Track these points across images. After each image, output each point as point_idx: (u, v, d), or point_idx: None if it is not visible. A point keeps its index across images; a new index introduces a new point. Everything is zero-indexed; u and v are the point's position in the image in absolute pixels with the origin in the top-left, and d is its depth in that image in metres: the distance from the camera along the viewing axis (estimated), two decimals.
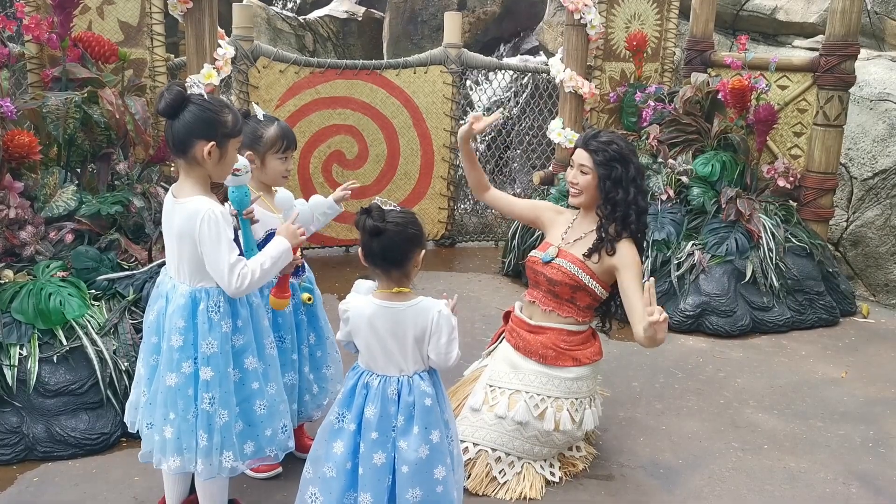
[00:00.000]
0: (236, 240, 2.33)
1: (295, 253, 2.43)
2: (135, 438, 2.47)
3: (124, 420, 2.54)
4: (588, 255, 2.88)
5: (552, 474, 2.92)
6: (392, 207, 2.20)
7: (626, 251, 2.84)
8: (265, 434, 2.41)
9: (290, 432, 2.49)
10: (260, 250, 2.66)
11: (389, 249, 2.17)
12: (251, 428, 2.38)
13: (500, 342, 3.08)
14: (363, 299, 2.24)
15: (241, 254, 2.31)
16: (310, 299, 2.77)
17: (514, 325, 3.01)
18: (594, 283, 2.88)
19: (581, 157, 2.90)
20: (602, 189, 2.86)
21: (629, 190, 2.84)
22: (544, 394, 2.85)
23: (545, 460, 2.93)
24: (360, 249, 2.23)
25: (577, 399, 2.88)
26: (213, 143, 2.24)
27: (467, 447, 2.84)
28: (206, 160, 2.26)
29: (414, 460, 2.18)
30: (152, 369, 2.37)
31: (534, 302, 2.97)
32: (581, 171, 2.90)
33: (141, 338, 2.51)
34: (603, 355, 3.00)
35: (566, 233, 3.00)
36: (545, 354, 2.87)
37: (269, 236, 2.69)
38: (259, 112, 2.73)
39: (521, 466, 2.87)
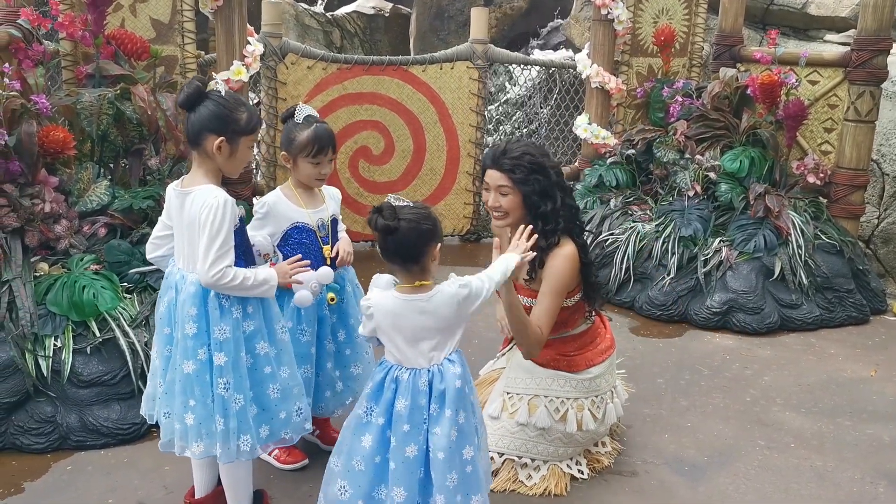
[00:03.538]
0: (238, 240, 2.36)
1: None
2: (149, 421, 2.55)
3: (141, 413, 2.57)
4: (531, 278, 2.76)
5: (580, 472, 2.91)
6: (405, 203, 2.21)
7: (553, 261, 2.69)
8: (280, 417, 2.45)
9: (306, 414, 2.52)
10: (284, 240, 2.73)
11: (404, 246, 2.18)
12: (265, 412, 2.42)
13: (512, 347, 3.07)
14: (385, 295, 2.25)
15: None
16: (333, 299, 2.78)
17: None
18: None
19: (496, 178, 2.70)
20: (529, 205, 2.69)
21: (556, 197, 2.68)
22: (563, 396, 2.82)
23: (571, 458, 2.92)
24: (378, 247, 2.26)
25: (597, 396, 2.87)
26: (222, 138, 2.31)
27: (493, 457, 2.81)
28: (217, 154, 2.32)
29: (447, 445, 2.18)
30: (167, 360, 2.40)
31: None
32: (501, 194, 2.70)
33: None
34: (616, 346, 2.98)
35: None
36: (557, 366, 2.86)
37: (293, 229, 2.75)
38: (301, 114, 2.72)
39: (547, 469, 2.86)
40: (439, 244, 2.24)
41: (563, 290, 2.72)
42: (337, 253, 2.85)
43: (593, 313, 2.97)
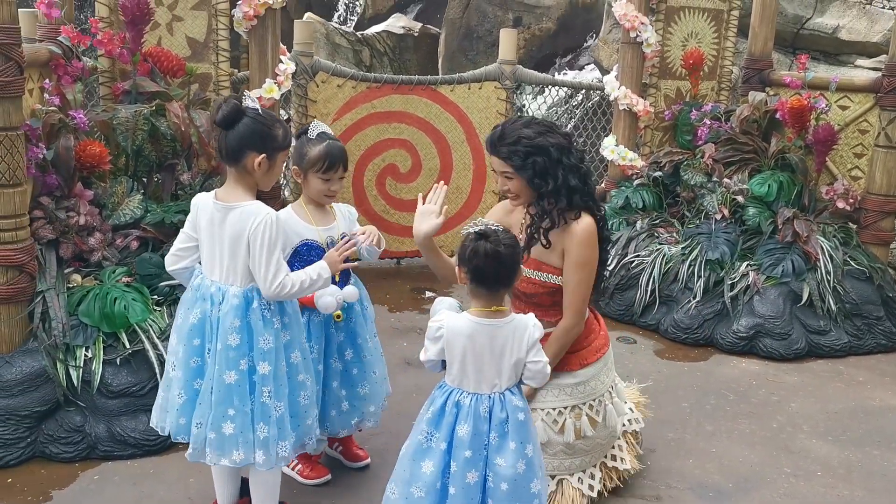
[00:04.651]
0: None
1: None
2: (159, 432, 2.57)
3: (151, 424, 2.56)
4: (528, 255, 2.71)
5: (591, 487, 2.80)
6: (493, 226, 2.25)
7: (574, 237, 2.66)
8: (306, 423, 2.50)
9: (317, 421, 2.57)
10: (294, 256, 2.75)
11: (505, 270, 2.21)
12: (295, 418, 2.46)
13: None
14: (459, 317, 2.26)
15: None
16: (339, 317, 2.80)
17: None
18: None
19: (497, 164, 2.70)
20: (533, 186, 2.66)
21: (556, 175, 2.63)
22: (560, 406, 2.73)
23: (584, 471, 2.81)
24: (464, 272, 2.24)
25: (594, 400, 2.78)
26: (264, 154, 2.36)
27: None
28: (256, 170, 2.37)
29: (512, 476, 2.18)
30: (193, 371, 2.42)
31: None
32: (506, 178, 2.70)
33: None
34: (610, 344, 2.90)
35: (521, 233, 2.80)
36: (551, 363, 2.74)
37: (303, 246, 2.75)
38: (315, 130, 2.74)
39: (556, 484, 2.78)
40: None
41: (590, 264, 2.69)
42: (346, 271, 2.80)
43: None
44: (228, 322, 2.35)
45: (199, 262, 2.49)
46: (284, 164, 2.58)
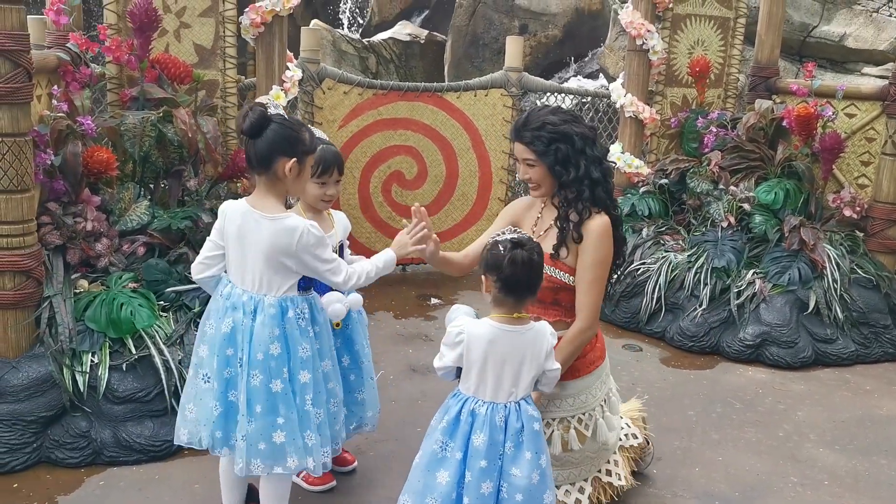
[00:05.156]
0: None
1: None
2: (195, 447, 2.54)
3: (181, 442, 2.50)
4: (556, 253, 2.64)
5: (578, 501, 2.69)
6: (524, 235, 2.27)
7: (590, 234, 2.60)
8: (334, 430, 2.53)
9: (344, 426, 2.60)
10: None
11: (536, 278, 2.24)
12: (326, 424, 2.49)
13: None
14: (480, 323, 2.26)
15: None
16: (338, 325, 2.80)
17: None
18: (574, 279, 2.64)
19: (520, 151, 2.66)
20: (554, 174, 2.63)
21: (579, 165, 2.60)
22: (548, 418, 2.63)
23: (572, 483, 2.72)
24: (492, 280, 2.24)
25: (584, 413, 2.69)
26: (294, 159, 2.36)
27: None
28: (287, 176, 2.37)
29: (526, 487, 2.17)
30: (227, 382, 2.40)
31: None
32: (528, 165, 2.65)
33: None
34: (606, 357, 2.80)
35: (536, 224, 2.76)
36: (563, 367, 2.66)
37: None
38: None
39: None
40: None
41: (605, 263, 2.65)
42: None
43: None
44: (268, 332, 2.35)
45: (226, 271, 2.49)
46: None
